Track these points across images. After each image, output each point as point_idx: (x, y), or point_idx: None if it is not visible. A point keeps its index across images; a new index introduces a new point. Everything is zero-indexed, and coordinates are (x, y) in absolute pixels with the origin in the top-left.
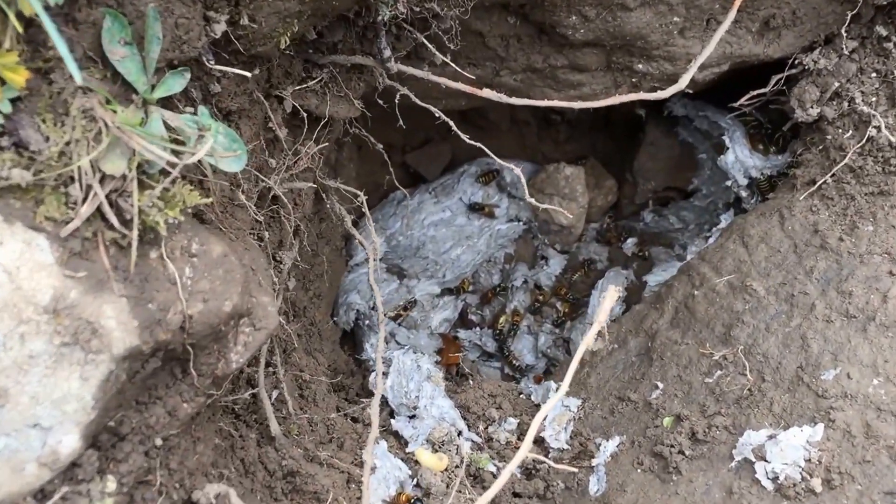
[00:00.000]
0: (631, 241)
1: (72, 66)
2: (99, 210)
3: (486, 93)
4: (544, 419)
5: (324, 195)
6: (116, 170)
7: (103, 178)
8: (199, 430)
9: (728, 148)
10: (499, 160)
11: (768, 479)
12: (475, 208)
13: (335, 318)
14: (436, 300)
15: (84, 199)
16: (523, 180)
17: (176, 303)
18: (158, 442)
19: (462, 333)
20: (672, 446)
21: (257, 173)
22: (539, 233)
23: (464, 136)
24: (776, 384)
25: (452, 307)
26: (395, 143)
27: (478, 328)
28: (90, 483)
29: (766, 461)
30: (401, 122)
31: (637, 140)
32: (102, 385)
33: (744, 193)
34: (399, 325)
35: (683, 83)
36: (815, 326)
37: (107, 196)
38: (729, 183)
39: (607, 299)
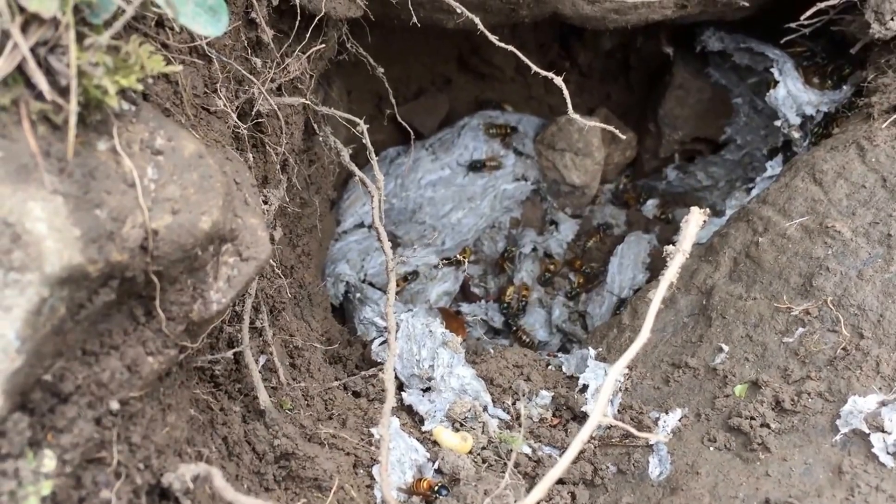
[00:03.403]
0: (651, 202)
1: None
2: (20, 70)
3: None
4: (585, 389)
5: (315, 126)
6: (45, 9)
7: (26, 24)
8: (171, 396)
9: (778, 82)
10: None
11: (888, 453)
12: (476, 167)
13: None
14: (434, 271)
15: None
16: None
17: (135, 212)
18: (115, 406)
19: (465, 308)
20: (753, 419)
21: (245, 73)
22: (548, 194)
23: (493, 38)
24: (879, 340)
25: (453, 278)
26: (386, 94)
27: (482, 301)
28: (19, 459)
29: (884, 432)
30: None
31: (661, 86)
32: (31, 318)
33: (796, 135)
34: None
35: None
36: None
37: (32, 50)
38: (778, 123)
39: (691, 222)
